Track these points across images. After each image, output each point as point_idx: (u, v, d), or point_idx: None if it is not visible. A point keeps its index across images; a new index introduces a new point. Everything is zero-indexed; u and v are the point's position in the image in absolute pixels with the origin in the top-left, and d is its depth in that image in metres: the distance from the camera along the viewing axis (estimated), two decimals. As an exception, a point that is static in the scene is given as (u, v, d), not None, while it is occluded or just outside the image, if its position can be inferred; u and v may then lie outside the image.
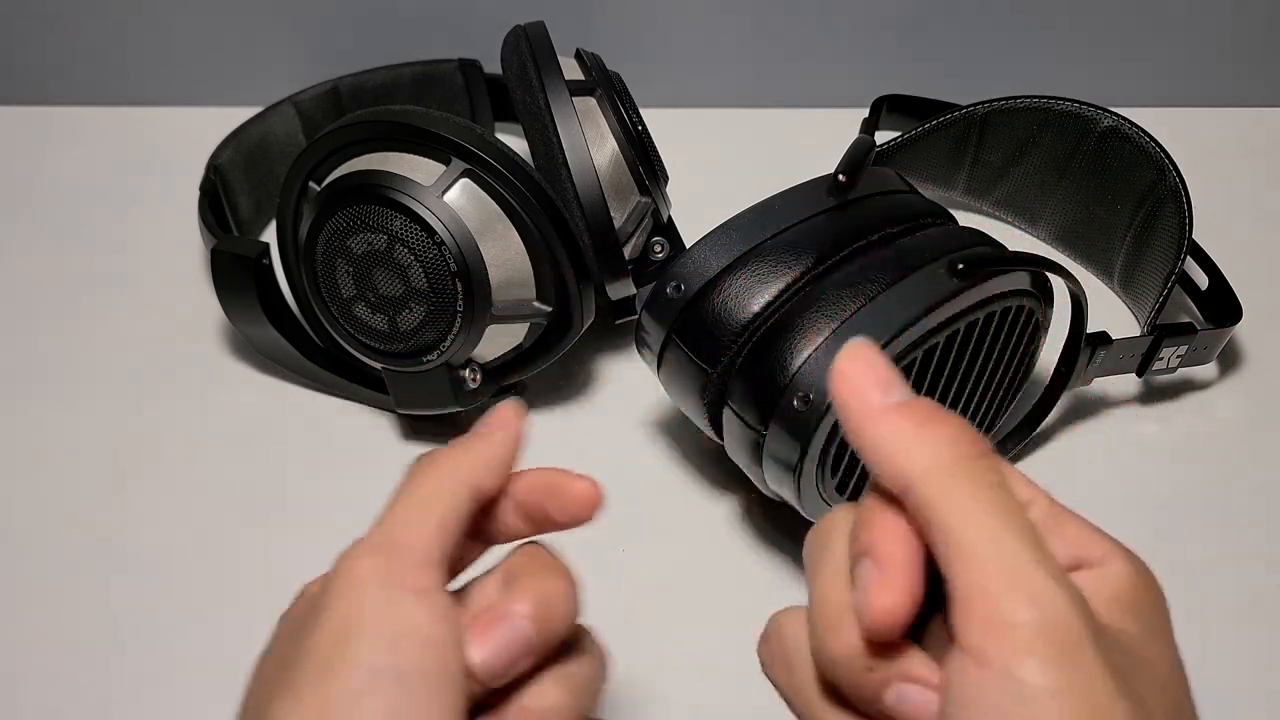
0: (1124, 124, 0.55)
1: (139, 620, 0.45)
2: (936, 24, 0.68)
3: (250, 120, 0.60)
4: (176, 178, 0.60)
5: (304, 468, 0.50)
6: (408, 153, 0.46)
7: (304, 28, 0.68)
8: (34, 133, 0.69)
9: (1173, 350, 0.49)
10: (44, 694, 0.42)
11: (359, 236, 0.45)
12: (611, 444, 0.51)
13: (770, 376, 0.40)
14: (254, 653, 0.43)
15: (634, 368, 0.51)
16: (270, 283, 0.49)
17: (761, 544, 0.46)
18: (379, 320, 0.46)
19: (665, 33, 0.68)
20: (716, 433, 0.44)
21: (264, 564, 0.46)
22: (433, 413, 0.48)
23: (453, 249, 0.44)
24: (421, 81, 0.65)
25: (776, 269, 0.41)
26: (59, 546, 0.47)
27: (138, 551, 0.47)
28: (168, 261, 0.60)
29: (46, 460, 0.51)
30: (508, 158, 0.45)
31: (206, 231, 0.53)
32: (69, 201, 0.64)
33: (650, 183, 0.50)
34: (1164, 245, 0.53)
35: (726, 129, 0.68)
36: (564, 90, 0.48)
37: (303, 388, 0.53)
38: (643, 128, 0.50)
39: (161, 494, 0.49)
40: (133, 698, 0.42)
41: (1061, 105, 0.56)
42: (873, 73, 0.67)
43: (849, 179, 0.43)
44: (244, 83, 0.68)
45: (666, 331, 0.43)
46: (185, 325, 0.56)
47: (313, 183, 0.47)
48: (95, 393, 0.53)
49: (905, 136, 0.57)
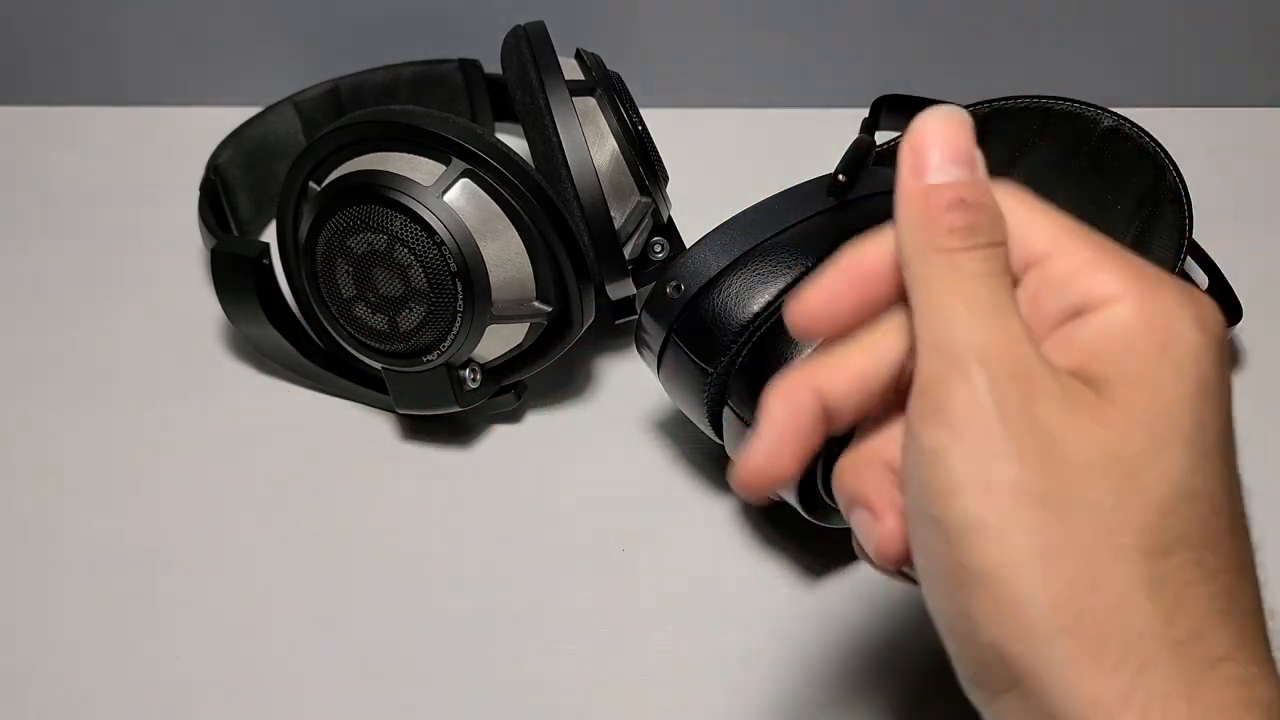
0: (1124, 124, 0.55)
1: (139, 620, 0.45)
2: (936, 24, 0.67)
3: (250, 120, 0.60)
4: (176, 178, 0.60)
5: (304, 468, 0.50)
6: (408, 153, 0.46)
7: (304, 28, 0.67)
8: (34, 133, 0.69)
9: (1173, 350, 0.49)
10: (44, 694, 0.42)
11: (359, 236, 0.45)
12: (611, 444, 0.51)
13: (770, 376, 0.40)
14: (253, 651, 0.43)
15: (634, 368, 0.51)
16: (270, 283, 0.49)
17: (761, 544, 0.46)
18: (379, 320, 0.46)
19: (665, 33, 0.68)
20: (716, 433, 0.44)
21: (264, 564, 0.46)
22: (433, 413, 0.49)
23: (453, 249, 0.44)
24: (421, 81, 0.65)
25: (776, 269, 0.41)
26: (59, 546, 0.47)
27: (137, 551, 0.47)
28: (168, 261, 0.60)
29: (46, 460, 0.51)
30: (508, 158, 0.45)
31: (206, 231, 0.53)
32: (69, 201, 0.64)
33: (650, 183, 0.50)
34: (1164, 245, 0.53)
35: (726, 129, 0.68)
36: (564, 90, 0.48)
37: (303, 388, 0.53)
38: (643, 128, 0.50)
39: (161, 494, 0.49)
40: (133, 697, 0.42)
41: (1061, 105, 0.56)
42: (873, 73, 0.66)
43: (848, 179, 0.43)
44: (244, 83, 0.68)
45: (666, 331, 0.43)
46: (185, 325, 0.56)
47: (313, 183, 0.47)
48: (95, 392, 0.53)
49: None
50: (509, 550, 0.47)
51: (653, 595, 0.45)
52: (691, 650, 0.43)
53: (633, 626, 0.44)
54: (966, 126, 0.27)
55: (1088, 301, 0.26)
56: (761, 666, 0.42)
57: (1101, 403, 0.25)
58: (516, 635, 0.44)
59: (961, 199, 0.26)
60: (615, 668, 0.43)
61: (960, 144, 0.27)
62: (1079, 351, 0.26)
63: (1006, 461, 0.24)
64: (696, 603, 0.45)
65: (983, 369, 0.25)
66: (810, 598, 0.45)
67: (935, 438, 0.25)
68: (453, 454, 0.50)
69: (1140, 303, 0.25)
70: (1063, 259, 0.26)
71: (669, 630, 0.44)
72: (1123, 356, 0.25)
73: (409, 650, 0.43)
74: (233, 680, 0.43)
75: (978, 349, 0.25)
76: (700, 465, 0.49)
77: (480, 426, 0.51)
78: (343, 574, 0.46)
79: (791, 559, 0.46)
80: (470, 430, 0.51)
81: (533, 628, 0.44)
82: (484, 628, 0.44)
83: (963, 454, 0.24)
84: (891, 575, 0.30)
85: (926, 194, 0.26)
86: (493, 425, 0.51)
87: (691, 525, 0.47)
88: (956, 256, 0.26)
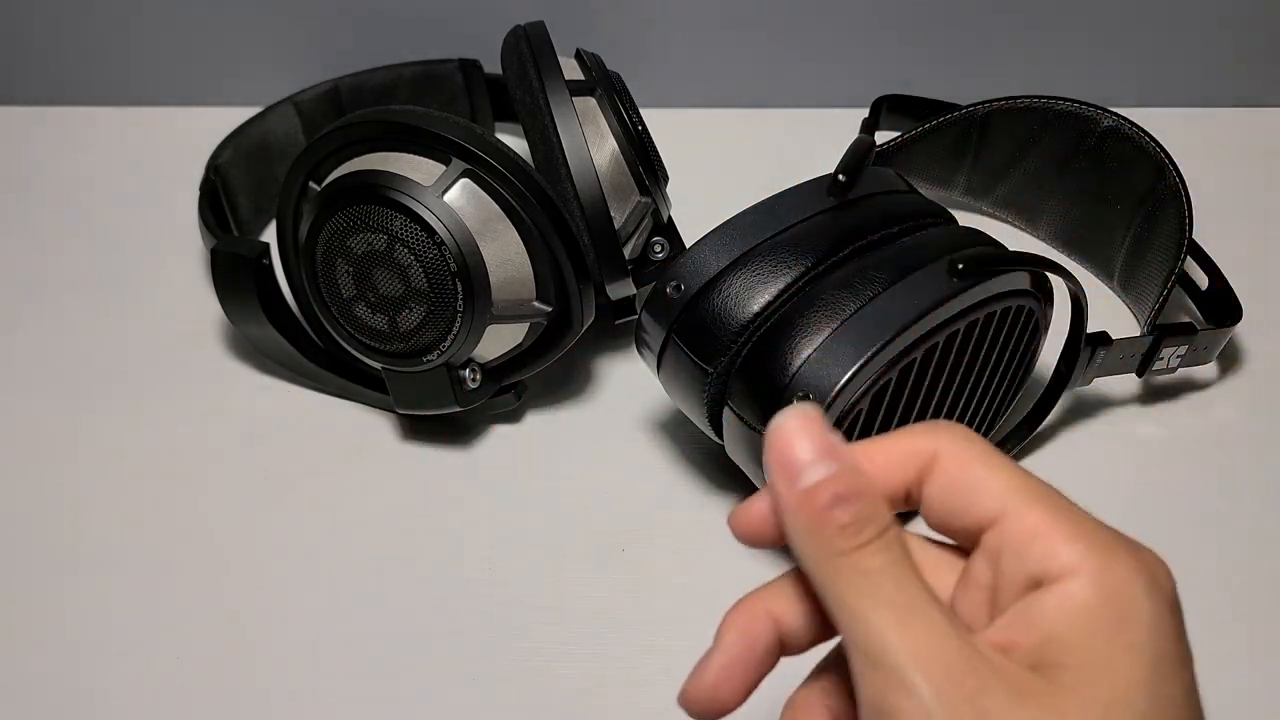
0: (1124, 124, 0.55)
1: (139, 619, 0.45)
2: (937, 24, 0.68)
3: (250, 120, 0.60)
4: (176, 178, 0.60)
5: (304, 468, 0.50)
6: (408, 153, 0.46)
7: (304, 28, 0.68)
8: (34, 133, 0.69)
9: (1173, 350, 0.49)
10: (45, 694, 0.42)
11: (359, 236, 0.45)
12: (611, 444, 0.51)
13: (770, 376, 0.40)
14: (253, 652, 0.43)
15: (634, 368, 0.51)
16: (270, 283, 0.49)
17: (761, 544, 0.46)
18: (379, 320, 0.46)
19: (665, 33, 0.68)
20: (716, 433, 0.44)
21: (264, 563, 0.46)
22: (433, 413, 0.49)
23: (453, 249, 0.44)
24: (421, 81, 0.65)
25: (776, 269, 0.41)
26: (58, 546, 0.47)
27: (137, 551, 0.47)
28: (168, 261, 0.60)
29: (46, 460, 0.51)
30: (508, 158, 0.45)
31: (206, 231, 0.53)
32: (69, 201, 0.64)
33: (650, 183, 0.50)
34: (1164, 245, 0.53)
35: (726, 129, 0.68)
36: (564, 90, 0.48)
37: (303, 388, 0.53)
38: (643, 128, 0.50)
39: (161, 494, 0.49)
40: (133, 697, 0.42)
41: (1061, 105, 0.56)
42: (873, 73, 0.67)
43: (849, 179, 0.43)
44: (244, 83, 0.68)
45: (666, 331, 0.43)
46: (185, 325, 0.56)
47: (313, 183, 0.47)
48: (95, 393, 0.53)
49: (905, 136, 0.57)
50: (509, 550, 0.47)
51: (653, 595, 0.45)
52: (691, 650, 0.43)
53: (633, 626, 0.44)
54: (818, 418, 0.27)
55: (1046, 573, 0.25)
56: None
57: (1054, 692, 0.25)
58: (517, 635, 0.44)
59: (837, 494, 0.26)
60: (615, 668, 0.43)
61: (818, 437, 0.26)
62: (1037, 631, 0.25)
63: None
64: (696, 603, 0.45)
65: (925, 679, 0.24)
66: (810, 598, 0.45)
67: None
68: (453, 454, 0.50)
69: (1097, 576, 0.25)
70: (1016, 522, 0.26)
71: (669, 630, 0.44)
72: (1079, 641, 0.25)
73: (409, 650, 0.43)
74: (233, 680, 0.43)
75: (913, 656, 0.24)
76: (700, 465, 0.49)
77: (480, 426, 0.51)
78: (343, 574, 0.46)
79: (792, 559, 0.46)
80: (470, 430, 0.51)
81: (533, 628, 0.44)
82: (484, 627, 0.44)
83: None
84: None
85: (805, 499, 0.26)
86: (493, 425, 0.51)
87: (691, 525, 0.47)
88: (854, 557, 0.26)
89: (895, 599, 0.25)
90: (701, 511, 0.48)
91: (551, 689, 0.42)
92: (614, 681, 0.42)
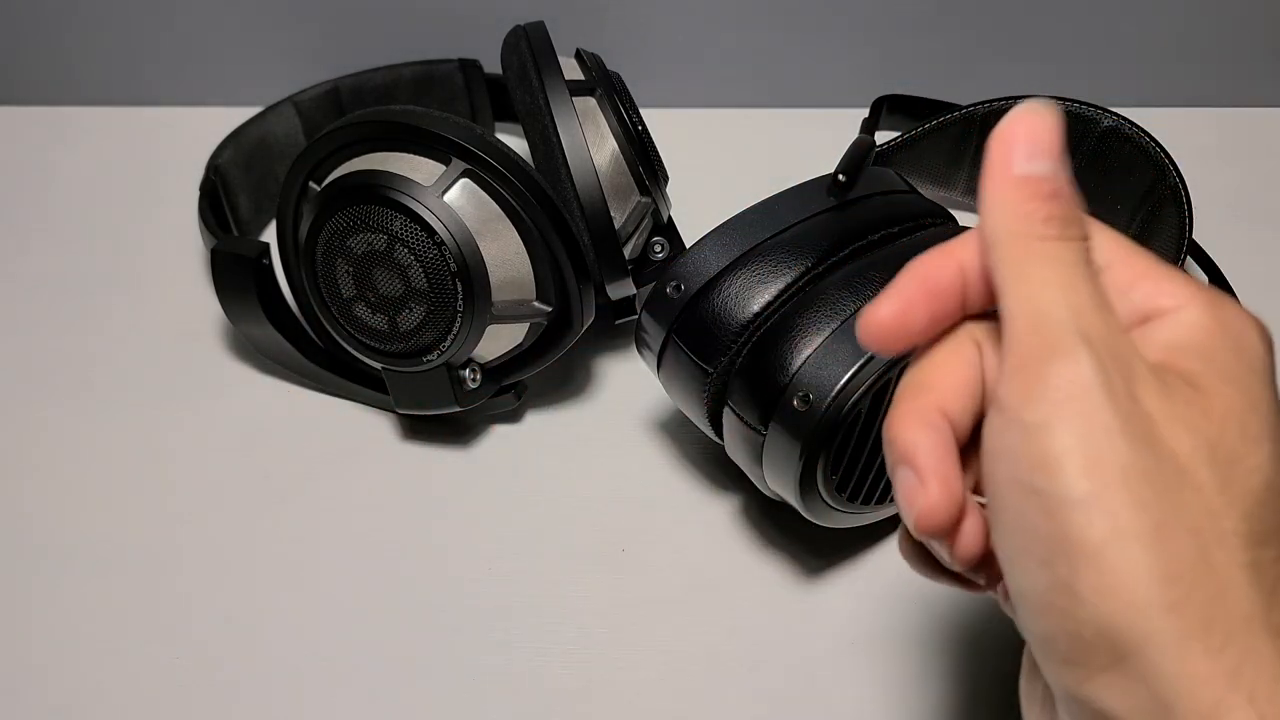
0: (1124, 124, 0.55)
1: (139, 619, 0.45)
2: (936, 24, 0.67)
3: (250, 120, 0.60)
4: (176, 178, 0.60)
5: (304, 468, 0.50)
6: (408, 153, 0.46)
7: (304, 28, 0.67)
8: (34, 133, 0.69)
9: (1173, 350, 0.49)
10: (45, 694, 0.42)
11: (359, 236, 0.45)
12: (611, 444, 0.51)
13: (770, 376, 0.40)
14: (253, 651, 0.43)
15: (634, 368, 0.51)
16: (270, 283, 0.49)
17: (761, 544, 0.46)
18: (379, 320, 0.46)
19: (665, 33, 0.68)
20: (716, 433, 0.44)
21: (264, 563, 0.46)
22: (433, 413, 0.49)
23: (453, 249, 0.44)
24: (421, 81, 0.65)
25: (776, 269, 0.41)
26: (59, 546, 0.47)
27: (137, 551, 0.47)
28: (168, 261, 0.60)
29: (46, 460, 0.51)
30: (508, 158, 0.45)
31: (206, 231, 0.53)
32: (69, 201, 0.64)
33: (650, 183, 0.50)
34: (1164, 245, 0.53)
35: (726, 129, 0.68)
36: (564, 90, 0.48)
37: (303, 388, 0.53)
38: (643, 128, 0.50)
39: (161, 494, 0.49)
40: (133, 697, 0.42)
41: (1061, 105, 0.56)
42: (873, 73, 0.67)
43: (849, 179, 0.43)
44: (244, 83, 0.68)
45: (666, 331, 0.43)
46: (185, 325, 0.56)
47: (313, 183, 0.47)
48: (95, 393, 0.53)
49: (905, 136, 0.57)
50: (509, 550, 0.47)
51: (653, 595, 0.45)
52: (691, 650, 0.43)
53: (633, 626, 0.44)
54: (1058, 123, 0.28)
55: (1155, 308, 0.27)
56: (761, 666, 0.42)
57: (1196, 394, 0.25)
58: (517, 635, 0.44)
59: (1056, 191, 0.27)
60: (615, 668, 0.43)
61: (1054, 140, 0.27)
62: (1159, 349, 0.26)
63: (1115, 437, 0.24)
64: (696, 603, 0.45)
65: (1088, 348, 0.25)
66: (810, 598, 0.45)
67: (1037, 413, 0.25)
68: (453, 454, 0.50)
69: (1208, 309, 0.26)
70: (1122, 270, 0.27)
71: (669, 630, 0.44)
72: (1205, 353, 0.26)
73: (409, 649, 0.43)
74: (233, 679, 0.43)
75: (1081, 329, 0.25)
76: (700, 465, 0.49)
77: (480, 426, 0.51)
78: (343, 574, 0.46)
79: (791, 559, 0.46)
80: (470, 430, 0.51)
81: (533, 627, 0.44)
82: (484, 627, 0.44)
83: (1067, 429, 0.24)
84: (921, 568, 0.31)
85: (1023, 183, 0.27)
86: (493, 425, 0.51)
87: (691, 525, 0.47)
88: (1052, 245, 0.26)
89: (1078, 285, 0.26)
90: (701, 511, 0.48)
91: (551, 689, 0.42)
92: (614, 682, 0.42)
